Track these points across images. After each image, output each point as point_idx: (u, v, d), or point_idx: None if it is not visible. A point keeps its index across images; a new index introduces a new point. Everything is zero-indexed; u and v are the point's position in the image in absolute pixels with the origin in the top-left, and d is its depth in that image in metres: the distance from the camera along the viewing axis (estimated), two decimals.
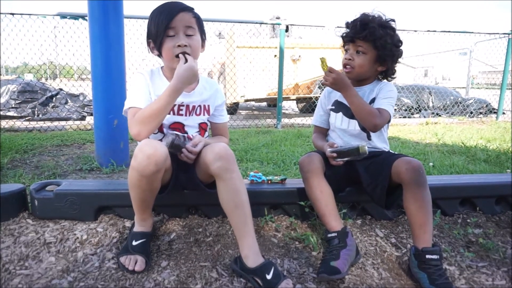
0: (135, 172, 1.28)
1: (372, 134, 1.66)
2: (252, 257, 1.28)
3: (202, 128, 1.60)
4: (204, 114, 1.58)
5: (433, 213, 1.79)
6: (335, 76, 1.52)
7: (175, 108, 1.50)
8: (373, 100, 1.64)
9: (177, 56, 1.39)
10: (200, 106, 1.56)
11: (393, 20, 1.62)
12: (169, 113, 1.44)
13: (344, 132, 1.70)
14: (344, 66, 1.64)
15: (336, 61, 5.95)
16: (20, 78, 7.23)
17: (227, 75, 6.33)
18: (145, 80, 1.47)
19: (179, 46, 1.39)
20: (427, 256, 1.28)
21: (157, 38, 1.40)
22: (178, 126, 1.53)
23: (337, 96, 1.71)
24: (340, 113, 1.71)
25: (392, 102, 1.61)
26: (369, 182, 1.56)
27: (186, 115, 1.53)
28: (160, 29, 1.38)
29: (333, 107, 1.74)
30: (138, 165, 1.25)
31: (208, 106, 1.60)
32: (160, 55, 1.47)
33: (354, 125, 1.67)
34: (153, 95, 1.45)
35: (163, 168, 1.31)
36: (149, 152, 1.24)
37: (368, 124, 1.55)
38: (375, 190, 1.53)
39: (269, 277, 1.21)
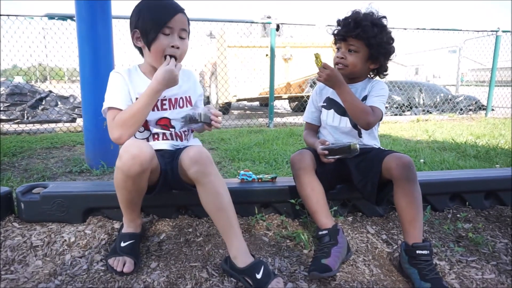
0: (121, 173, 1.26)
1: (363, 131, 1.66)
2: (241, 257, 1.27)
3: None
4: (187, 106, 1.55)
5: (424, 208, 1.81)
6: (329, 72, 1.51)
7: (159, 104, 1.47)
8: (365, 98, 1.63)
9: (165, 57, 1.38)
10: (182, 98, 1.54)
11: (385, 17, 1.61)
12: (153, 109, 1.42)
13: (336, 129, 1.70)
14: (336, 64, 1.63)
15: (328, 59, 5.97)
16: (9, 81, 7.13)
17: (219, 75, 6.32)
18: (123, 79, 1.43)
19: (172, 46, 1.37)
20: (418, 252, 1.29)
21: (150, 33, 1.36)
22: (165, 122, 1.50)
23: (329, 93, 1.71)
24: (332, 110, 1.70)
25: (384, 100, 1.61)
26: (360, 179, 1.56)
27: (170, 109, 1.50)
28: (157, 25, 1.35)
29: (325, 104, 1.73)
30: (123, 166, 1.23)
31: (189, 97, 1.57)
32: (143, 49, 1.44)
33: (345, 122, 1.67)
34: (134, 93, 1.42)
35: (149, 168, 1.29)
36: (134, 153, 1.22)
37: (362, 122, 1.54)
38: (366, 186, 1.53)
39: (259, 276, 1.20)
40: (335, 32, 1.63)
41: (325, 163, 1.57)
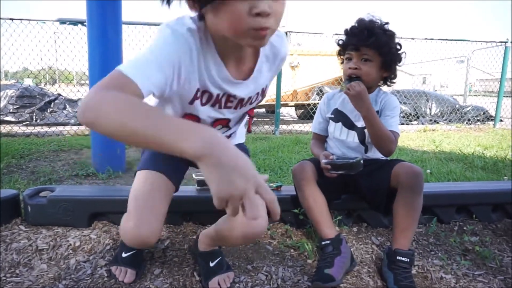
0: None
1: (369, 147, 1.63)
2: (205, 242, 1.32)
3: (249, 115, 1.27)
4: (257, 99, 1.16)
5: (429, 220, 1.80)
6: (361, 90, 1.45)
7: (223, 100, 1.07)
8: (376, 114, 1.58)
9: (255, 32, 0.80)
10: (257, 93, 1.13)
11: (388, 23, 1.60)
12: (213, 106, 1.07)
13: (342, 143, 1.65)
14: (349, 76, 1.54)
15: (335, 68, 6.00)
16: (19, 83, 7.23)
17: None
18: (187, 51, 0.91)
19: (258, 15, 0.78)
20: (398, 258, 1.32)
21: None
22: (222, 123, 1.17)
23: (337, 104, 1.67)
24: (340, 123, 1.65)
25: (398, 120, 1.58)
26: (369, 188, 1.54)
27: (236, 109, 1.12)
28: None
29: (332, 116, 1.68)
30: (127, 242, 1.15)
31: (266, 86, 1.16)
32: (206, 14, 0.86)
33: (353, 136, 1.62)
34: (188, 81, 0.95)
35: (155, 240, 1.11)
36: (132, 235, 1.06)
37: (384, 150, 1.53)
38: (375, 196, 1.51)
39: (211, 264, 1.25)
40: (345, 41, 1.57)
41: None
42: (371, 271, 1.42)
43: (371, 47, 1.50)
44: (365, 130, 1.59)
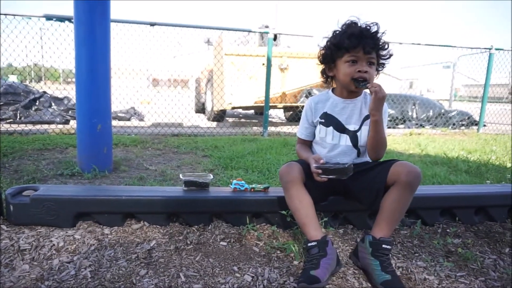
0: None
1: (361, 150, 1.64)
2: None
3: None
4: None
5: (414, 223, 1.83)
6: (384, 94, 1.45)
7: None
8: (367, 117, 1.59)
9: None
10: None
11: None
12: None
13: (334, 147, 1.64)
14: (357, 79, 1.51)
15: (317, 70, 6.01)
16: (3, 80, 7.07)
17: (215, 82, 6.33)
18: None
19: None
20: (384, 246, 1.38)
21: None
22: None
23: (326, 108, 1.65)
24: (331, 128, 1.64)
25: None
26: (362, 187, 1.55)
27: None
28: None
29: (323, 121, 1.65)
30: None
31: None
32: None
33: (345, 140, 1.62)
34: None
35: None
36: None
37: (377, 155, 1.56)
38: (369, 193, 1.52)
39: None
40: (354, 44, 1.48)
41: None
42: (356, 273, 1.43)
43: (374, 50, 1.50)
44: (358, 134, 1.61)
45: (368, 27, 1.51)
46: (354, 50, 1.50)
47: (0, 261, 1.34)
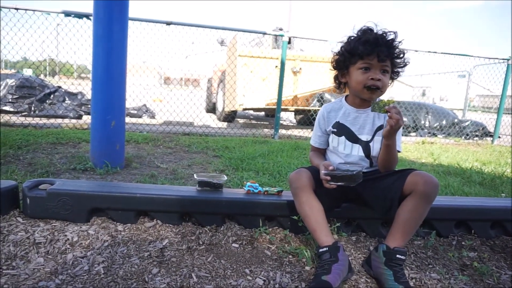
0: None
1: (374, 161, 1.63)
2: None
3: None
4: None
5: (428, 233, 1.80)
6: (401, 122, 1.38)
7: None
8: (380, 128, 1.58)
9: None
10: None
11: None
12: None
13: (346, 157, 1.63)
14: (369, 87, 1.49)
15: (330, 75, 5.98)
16: (19, 73, 7.19)
17: (227, 83, 6.34)
18: None
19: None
20: (398, 256, 1.36)
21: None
22: None
23: (338, 117, 1.64)
24: (343, 137, 1.63)
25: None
26: (376, 195, 1.53)
27: None
28: None
29: (335, 130, 1.64)
30: None
31: None
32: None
33: (357, 150, 1.61)
34: None
35: None
36: None
37: (388, 169, 1.56)
38: (384, 201, 1.50)
39: None
40: (368, 50, 1.45)
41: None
42: (369, 281, 1.41)
43: (389, 58, 1.48)
44: (370, 144, 1.60)
45: (384, 34, 1.48)
46: (368, 57, 1.47)
47: (16, 253, 1.35)
